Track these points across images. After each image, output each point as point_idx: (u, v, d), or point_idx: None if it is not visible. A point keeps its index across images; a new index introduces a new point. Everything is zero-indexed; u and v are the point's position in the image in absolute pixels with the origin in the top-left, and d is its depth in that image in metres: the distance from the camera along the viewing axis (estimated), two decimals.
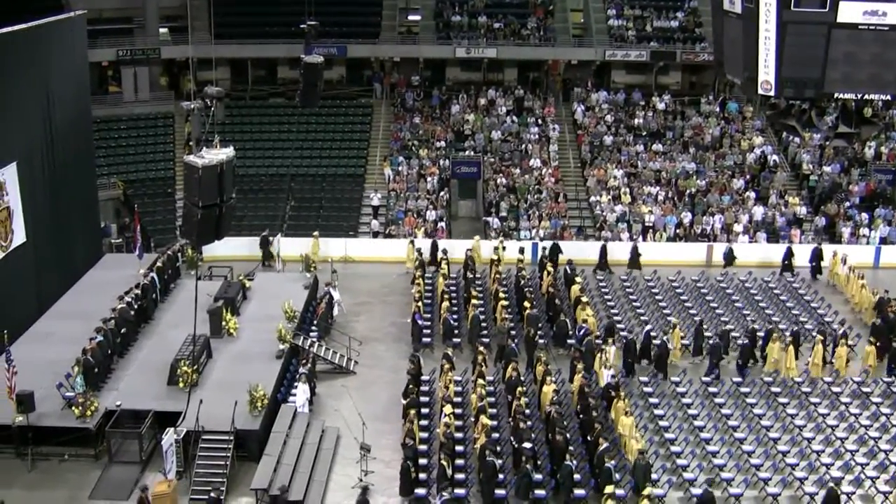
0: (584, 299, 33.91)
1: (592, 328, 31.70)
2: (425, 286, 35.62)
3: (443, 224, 42.83)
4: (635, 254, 39.32)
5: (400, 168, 46.33)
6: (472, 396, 26.86)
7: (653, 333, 31.22)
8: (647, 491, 22.55)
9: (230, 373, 27.93)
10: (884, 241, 42.00)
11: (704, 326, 31.99)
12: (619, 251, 40.04)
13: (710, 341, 30.93)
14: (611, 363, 28.17)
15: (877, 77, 23.14)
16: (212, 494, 22.61)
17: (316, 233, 40.43)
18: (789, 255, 38.75)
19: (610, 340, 30.24)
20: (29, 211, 31.46)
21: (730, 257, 39.50)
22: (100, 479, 24.20)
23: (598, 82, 52.60)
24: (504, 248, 39.11)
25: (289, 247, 39.61)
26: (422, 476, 23.91)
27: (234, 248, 38.55)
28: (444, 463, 23.28)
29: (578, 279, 35.99)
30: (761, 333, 31.71)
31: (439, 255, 38.22)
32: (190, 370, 26.02)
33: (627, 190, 44.78)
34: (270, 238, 39.53)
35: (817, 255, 38.81)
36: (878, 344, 30.87)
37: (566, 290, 36.01)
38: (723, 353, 30.60)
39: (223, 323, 30.43)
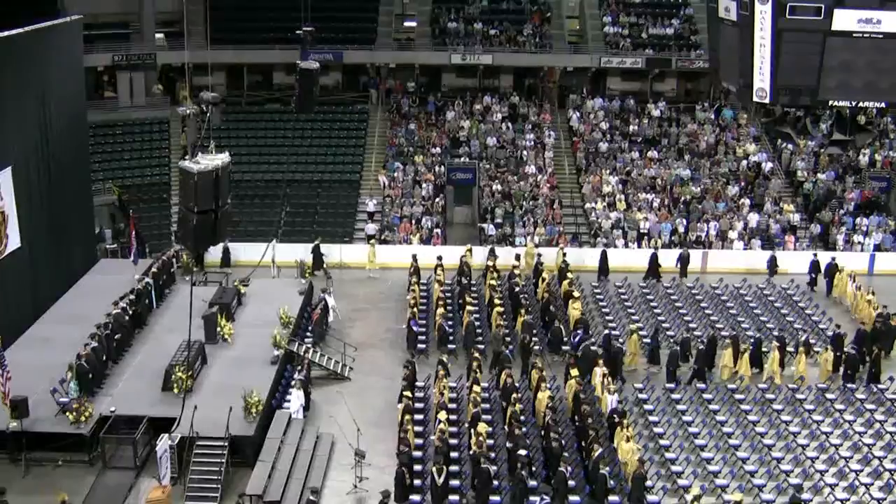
0: (576, 294, 34.27)
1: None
2: (420, 292, 35.61)
3: (438, 230, 42.84)
4: (684, 263, 39.44)
5: (395, 174, 46.35)
6: (469, 406, 26.78)
7: (613, 338, 31.34)
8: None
9: (225, 378, 27.91)
10: (878, 248, 42.09)
11: (689, 334, 31.98)
12: (669, 260, 40.00)
13: (669, 348, 31.00)
14: (614, 388, 27.88)
15: (871, 85, 23.23)
16: None
17: (373, 241, 40.37)
18: (815, 268, 38.49)
19: (601, 362, 29.47)
20: (24, 216, 31.38)
21: (773, 265, 39.33)
22: (94, 484, 24.12)
23: (593, 89, 52.72)
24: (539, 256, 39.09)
25: (284, 252, 39.64)
26: (416, 483, 23.89)
27: (232, 254, 38.96)
28: (434, 471, 23.24)
29: (570, 275, 36.37)
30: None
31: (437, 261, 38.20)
32: (185, 376, 26.00)
33: (622, 196, 44.84)
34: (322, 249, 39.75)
35: (831, 270, 38.17)
36: (837, 353, 30.70)
37: (559, 285, 36.33)
38: (680, 360, 30.54)
39: (218, 328, 30.39)
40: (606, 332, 31.92)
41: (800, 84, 23.10)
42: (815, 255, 39.38)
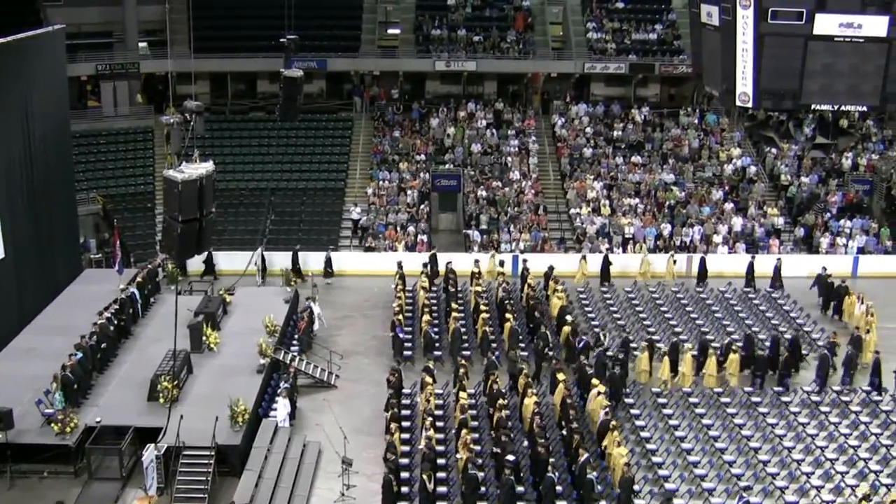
0: (559, 288, 35.03)
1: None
2: (406, 299, 35.59)
3: (424, 237, 42.84)
4: (777, 273, 38.52)
5: (380, 182, 46.34)
6: (456, 413, 26.73)
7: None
8: None
9: (211, 388, 27.80)
10: (861, 250, 42.29)
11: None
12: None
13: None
14: (606, 403, 27.74)
15: (853, 88, 23.41)
16: None
17: (493, 252, 39.98)
18: (830, 289, 37.17)
19: (597, 382, 28.45)
20: (8, 226, 31.26)
21: (822, 282, 37.70)
22: (80, 495, 23.97)
23: (577, 95, 52.89)
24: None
25: (270, 260, 39.60)
26: (404, 490, 23.86)
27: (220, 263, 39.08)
28: (425, 477, 23.24)
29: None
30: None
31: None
32: (170, 385, 25.93)
33: (607, 202, 44.96)
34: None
35: (841, 293, 36.55)
36: (743, 353, 30.52)
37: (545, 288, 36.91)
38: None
39: (204, 338, 30.29)
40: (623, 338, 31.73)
41: (782, 88, 23.24)
42: (825, 269, 37.68)
